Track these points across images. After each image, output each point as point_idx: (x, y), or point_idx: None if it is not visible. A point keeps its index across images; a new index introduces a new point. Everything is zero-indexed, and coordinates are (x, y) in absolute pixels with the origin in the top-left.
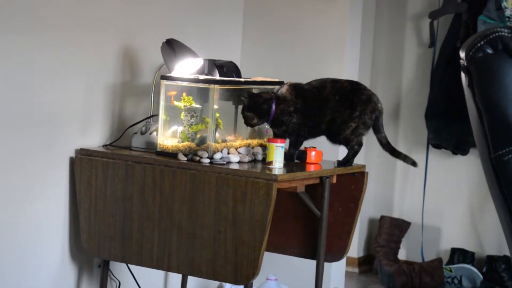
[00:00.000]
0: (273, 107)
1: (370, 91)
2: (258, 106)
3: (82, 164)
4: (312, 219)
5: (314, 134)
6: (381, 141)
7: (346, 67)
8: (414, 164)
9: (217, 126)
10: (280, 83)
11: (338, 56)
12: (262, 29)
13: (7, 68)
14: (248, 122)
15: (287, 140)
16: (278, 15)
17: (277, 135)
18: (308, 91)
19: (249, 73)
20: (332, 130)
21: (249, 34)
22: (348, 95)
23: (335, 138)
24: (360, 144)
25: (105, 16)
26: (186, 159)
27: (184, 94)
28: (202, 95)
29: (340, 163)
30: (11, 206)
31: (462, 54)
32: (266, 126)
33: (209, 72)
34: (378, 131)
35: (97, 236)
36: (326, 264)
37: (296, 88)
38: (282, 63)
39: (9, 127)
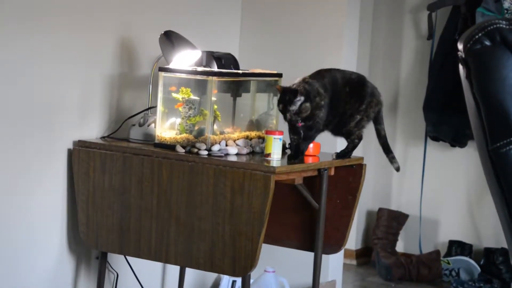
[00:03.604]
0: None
1: (372, 84)
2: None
3: (80, 156)
4: (310, 211)
5: (327, 128)
6: (380, 132)
7: (344, 59)
8: (397, 169)
9: (215, 118)
10: (279, 75)
11: (336, 48)
12: (260, 21)
13: (4, 60)
14: (303, 115)
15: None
16: (276, 7)
17: (301, 131)
18: (328, 85)
19: (247, 65)
20: (341, 122)
21: (247, 26)
22: (357, 87)
23: (338, 130)
24: (360, 138)
25: (103, 7)
26: (184, 151)
27: (183, 88)
28: (200, 87)
29: (339, 155)
30: (8, 198)
31: (460, 46)
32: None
33: (207, 64)
34: (378, 122)
35: (95, 228)
36: (324, 256)
37: (320, 82)
38: (280, 55)
39: (7, 118)
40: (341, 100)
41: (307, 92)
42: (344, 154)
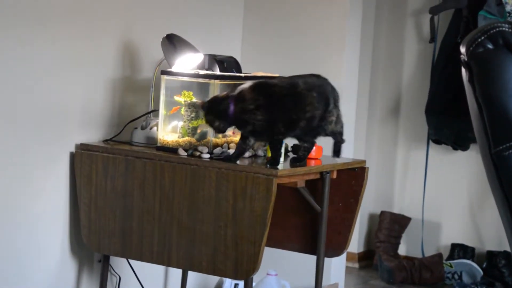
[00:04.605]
0: (231, 107)
1: (326, 78)
2: (215, 107)
3: (82, 159)
4: (312, 214)
5: (292, 131)
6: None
7: (346, 62)
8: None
9: None
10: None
11: (338, 51)
12: (262, 25)
13: (6, 63)
14: (213, 127)
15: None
16: (279, 11)
17: (246, 137)
18: (277, 86)
19: (249, 68)
20: (312, 126)
21: (249, 29)
22: (321, 90)
23: (312, 133)
24: (342, 126)
25: (105, 11)
26: (186, 154)
27: (185, 91)
28: (203, 90)
29: (335, 153)
30: (11, 202)
31: (462, 50)
32: (232, 128)
33: (210, 67)
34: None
35: (97, 231)
36: (326, 259)
37: (257, 85)
38: (282, 58)
39: (9, 122)
40: (305, 104)
41: (209, 104)
42: (339, 150)
